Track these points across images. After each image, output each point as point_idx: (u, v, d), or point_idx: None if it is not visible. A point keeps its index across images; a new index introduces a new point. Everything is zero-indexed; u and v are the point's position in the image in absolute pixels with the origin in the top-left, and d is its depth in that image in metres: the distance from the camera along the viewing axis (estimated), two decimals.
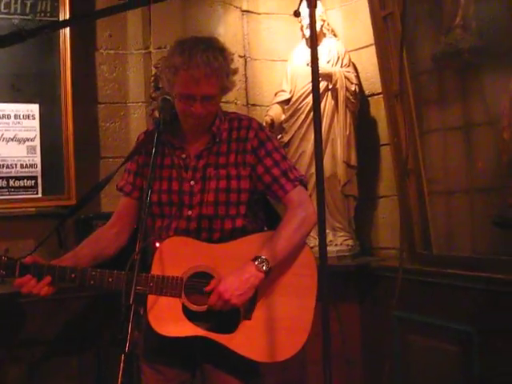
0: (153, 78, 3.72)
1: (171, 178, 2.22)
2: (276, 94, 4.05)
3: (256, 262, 2.06)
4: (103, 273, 2.07)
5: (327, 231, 3.85)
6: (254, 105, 4.21)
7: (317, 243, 3.99)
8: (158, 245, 2.12)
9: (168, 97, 2.15)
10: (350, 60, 3.95)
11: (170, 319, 2.06)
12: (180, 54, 2.09)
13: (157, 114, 2.12)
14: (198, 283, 2.09)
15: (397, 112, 3.40)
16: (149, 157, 2.18)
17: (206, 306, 2.07)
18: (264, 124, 3.95)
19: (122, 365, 1.58)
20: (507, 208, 2.85)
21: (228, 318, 2.09)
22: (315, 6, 1.62)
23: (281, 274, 2.16)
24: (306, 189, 2.30)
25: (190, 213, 2.17)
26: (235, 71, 2.24)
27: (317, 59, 1.59)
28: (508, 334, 2.82)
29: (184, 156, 2.23)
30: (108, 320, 3.19)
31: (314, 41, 1.59)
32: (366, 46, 3.97)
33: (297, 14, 1.65)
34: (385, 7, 3.49)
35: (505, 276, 2.83)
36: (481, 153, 3.22)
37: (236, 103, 4.03)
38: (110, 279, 2.05)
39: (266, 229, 2.31)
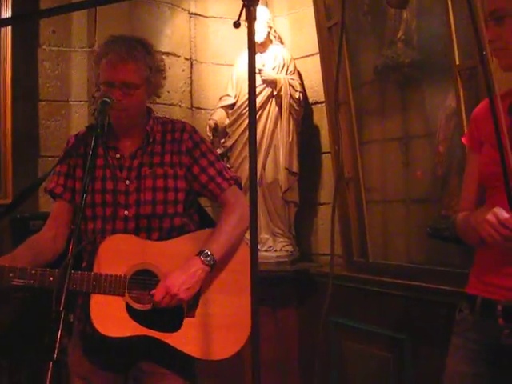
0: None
1: (105, 177, 2.19)
2: (221, 99, 4.06)
3: (201, 256, 2.07)
4: (44, 272, 2.02)
5: (267, 236, 3.89)
6: (198, 108, 4.21)
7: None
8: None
9: (107, 99, 2.13)
10: (295, 67, 4.00)
11: (113, 319, 2.03)
12: (102, 44, 2.19)
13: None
14: (141, 281, 2.08)
15: (338, 121, 3.46)
16: (80, 158, 2.20)
17: (150, 304, 2.05)
18: (207, 128, 3.95)
19: (49, 372, 1.55)
20: (440, 219, 2.92)
21: (172, 316, 2.08)
22: (255, 19, 1.63)
23: (222, 271, 2.18)
24: (241, 189, 2.34)
25: (126, 213, 2.16)
26: (162, 70, 2.27)
27: (254, 72, 1.60)
28: (438, 341, 2.88)
29: (118, 156, 2.21)
30: (39, 325, 3.12)
31: (252, 54, 1.59)
32: (312, 55, 4.02)
33: (236, 25, 1.65)
34: (330, 18, 3.55)
35: (435, 285, 2.91)
36: (418, 164, 3.30)
37: (180, 106, 4.02)
38: (51, 278, 2.00)
39: None
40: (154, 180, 2.18)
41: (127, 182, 2.18)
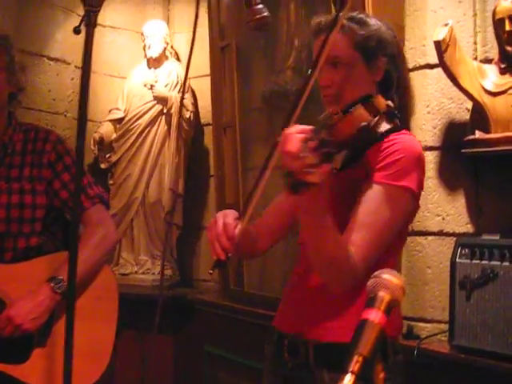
0: None
1: None
2: (110, 112, 3.91)
3: (52, 283, 1.92)
4: None
5: (146, 258, 3.75)
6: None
7: (134, 270, 3.85)
8: None
9: None
10: (189, 86, 3.89)
11: None
12: None
13: None
14: None
15: (223, 145, 3.37)
16: None
17: None
18: (92, 141, 3.78)
19: None
20: None
21: (19, 346, 1.91)
22: (94, 26, 1.51)
23: (80, 297, 2.01)
24: (108, 207, 2.21)
25: None
26: (24, 68, 2.15)
27: (88, 81, 1.47)
28: None
29: None
30: None
31: (87, 62, 1.47)
32: (208, 75, 3.92)
33: (77, 31, 1.53)
34: (223, 38, 3.47)
35: None
36: None
37: (65, 115, 3.83)
38: None
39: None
40: (10, 196, 2.02)
41: None
